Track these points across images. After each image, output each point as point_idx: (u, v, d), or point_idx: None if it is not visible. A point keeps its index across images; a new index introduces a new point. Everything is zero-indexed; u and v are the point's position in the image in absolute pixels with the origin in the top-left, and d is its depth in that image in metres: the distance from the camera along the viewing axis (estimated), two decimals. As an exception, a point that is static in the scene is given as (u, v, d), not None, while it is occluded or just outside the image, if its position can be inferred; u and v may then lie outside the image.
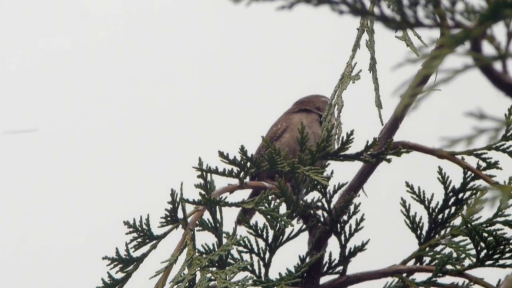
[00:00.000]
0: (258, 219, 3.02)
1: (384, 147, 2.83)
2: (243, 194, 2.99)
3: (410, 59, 1.79)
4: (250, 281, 2.73)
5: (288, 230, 2.90)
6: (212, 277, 2.76)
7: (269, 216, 2.78)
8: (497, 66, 1.78)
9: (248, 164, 2.81)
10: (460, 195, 2.93)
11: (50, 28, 5.12)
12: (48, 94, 5.10)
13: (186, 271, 2.75)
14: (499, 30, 1.77)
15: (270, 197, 2.79)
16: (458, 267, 2.84)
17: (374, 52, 2.91)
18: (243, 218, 2.92)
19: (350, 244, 2.92)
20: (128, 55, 5.10)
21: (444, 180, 2.93)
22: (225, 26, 4.92)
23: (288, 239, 2.91)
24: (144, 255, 2.84)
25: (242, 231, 2.93)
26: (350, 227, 2.91)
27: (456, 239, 2.90)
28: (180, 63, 5.03)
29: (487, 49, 1.77)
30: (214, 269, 2.78)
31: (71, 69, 5.12)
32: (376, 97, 2.85)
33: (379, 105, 2.83)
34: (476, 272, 2.86)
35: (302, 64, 4.64)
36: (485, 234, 2.82)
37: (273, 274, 2.88)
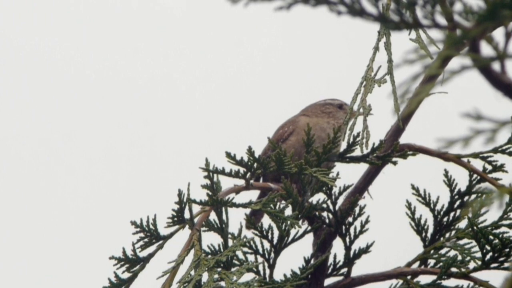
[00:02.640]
0: (263, 220, 3.03)
1: (390, 150, 2.83)
2: (250, 195, 2.99)
3: (408, 59, 1.80)
4: (256, 283, 2.73)
5: (293, 232, 2.90)
6: (219, 278, 2.76)
7: (276, 217, 2.79)
8: (495, 66, 1.78)
9: (255, 165, 2.82)
10: (466, 198, 2.93)
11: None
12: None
13: (192, 271, 2.76)
14: (497, 30, 1.77)
15: (275, 199, 2.80)
16: (463, 269, 2.84)
17: (392, 54, 2.90)
18: (250, 221, 2.92)
19: (355, 246, 2.92)
20: (131, 57, 5.12)
21: (450, 182, 2.92)
22: (231, 27, 4.93)
23: (293, 240, 2.91)
24: (151, 255, 2.84)
25: (247, 232, 2.94)
26: (355, 229, 2.91)
27: (461, 242, 2.90)
28: (188, 64, 5.05)
29: (485, 49, 1.77)
30: (220, 269, 2.79)
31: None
32: (394, 100, 2.84)
33: (397, 108, 2.83)
34: (481, 275, 2.85)
35: (306, 65, 4.64)
36: (491, 237, 2.81)
37: (278, 276, 2.89)
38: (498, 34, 1.76)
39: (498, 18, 1.74)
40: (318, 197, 2.89)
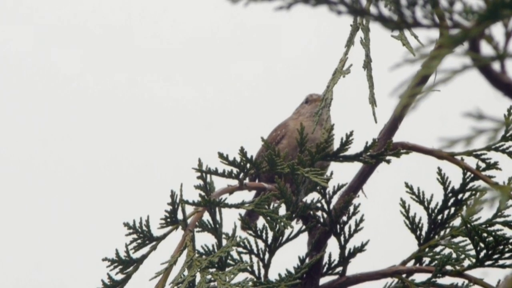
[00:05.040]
0: (258, 220, 3.02)
1: (384, 148, 2.83)
2: (243, 196, 2.98)
3: (408, 59, 1.80)
4: (250, 283, 2.73)
5: (287, 231, 2.90)
6: (212, 279, 2.75)
7: (269, 218, 2.78)
8: (496, 66, 1.78)
9: (248, 165, 2.81)
10: (460, 196, 2.94)
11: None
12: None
13: (186, 272, 2.75)
14: (497, 30, 1.77)
15: (269, 199, 2.79)
16: (457, 267, 2.85)
17: (369, 50, 2.90)
18: (244, 221, 2.92)
19: (350, 245, 2.92)
20: (128, 58, 5.11)
21: (443, 180, 2.93)
22: (230, 27, 4.92)
23: (288, 240, 2.91)
24: (144, 256, 2.83)
25: (241, 232, 2.93)
26: (350, 228, 2.92)
27: (456, 240, 2.90)
28: (182, 64, 5.04)
29: (485, 49, 1.77)
30: (213, 270, 2.78)
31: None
32: (370, 94, 2.83)
33: (373, 102, 2.82)
34: (476, 273, 2.86)
35: (306, 66, 4.64)
36: (485, 235, 2.82)
37: (273, 275, 2.89)
38: (498, 33, 1.77)
39: (498, 17, 1.74)
40: (313, 196, 2.89)
